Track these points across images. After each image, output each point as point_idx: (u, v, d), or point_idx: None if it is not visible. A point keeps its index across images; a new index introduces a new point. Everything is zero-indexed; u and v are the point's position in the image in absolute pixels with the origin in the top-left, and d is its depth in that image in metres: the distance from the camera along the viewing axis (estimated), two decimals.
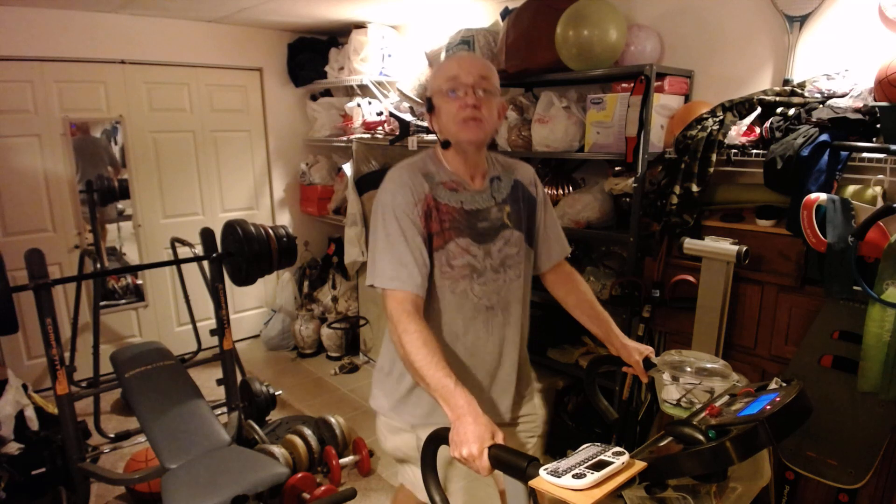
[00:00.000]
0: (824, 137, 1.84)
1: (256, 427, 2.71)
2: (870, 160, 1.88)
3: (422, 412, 1.46)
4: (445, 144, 1.41)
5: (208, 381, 2.90)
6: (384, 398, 1.53)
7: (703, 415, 1.02)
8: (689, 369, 1.29)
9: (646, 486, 0.95)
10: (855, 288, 1.75)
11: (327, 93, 4.55)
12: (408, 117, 3.50)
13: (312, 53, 4.28)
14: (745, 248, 1.99)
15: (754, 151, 2.06)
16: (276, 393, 3.04)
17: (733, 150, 2.11)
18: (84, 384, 3.41)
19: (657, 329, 2.43)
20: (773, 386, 1.08)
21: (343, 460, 2.75)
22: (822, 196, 1.79)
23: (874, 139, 1.85)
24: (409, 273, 1.31)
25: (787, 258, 2.01)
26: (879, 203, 1.83)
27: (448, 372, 1.18)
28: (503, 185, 1.48)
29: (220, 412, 2.58)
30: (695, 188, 2.16)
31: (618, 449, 0.93)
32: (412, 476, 1.54)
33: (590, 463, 0.89)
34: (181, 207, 4.11)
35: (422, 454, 1.18)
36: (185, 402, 2.22)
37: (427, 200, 1.37)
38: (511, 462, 1.00)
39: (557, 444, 2.78)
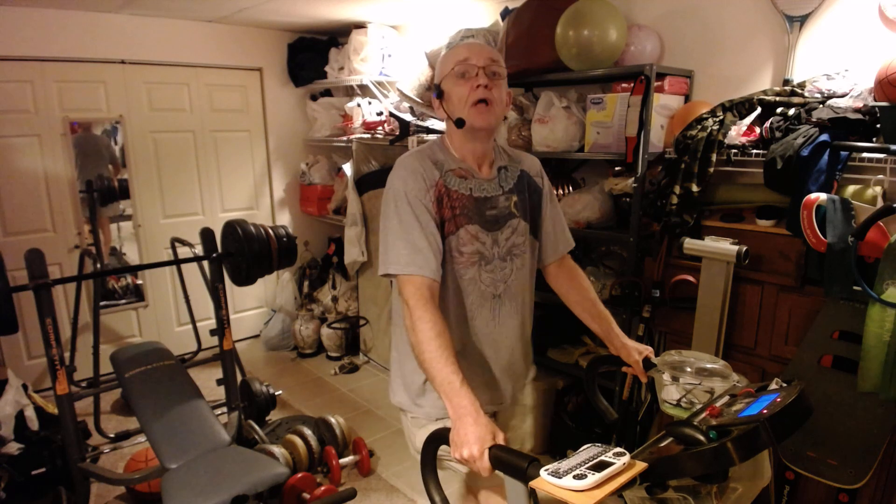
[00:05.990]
0: (824, 137, 1.84)
1: (256, 427, 2.71)
2: (870, 160, 1.88)
3: (443, 405, 1.39)
4: (460, 123, 1.38)
5: (208, 381, 2.90)
6: (404, 391, 1.48)
7: (703, 415, 1.02)
8: (689, 369, 1.29)
9: (646, 486, 0.95)
10: (855, 288, 1.75)
11: (327, 93, 4.54)
12: (408, 117, 3.50)
13: (312, 53, 4.27)
14: (745, 248, 1.99)
15: (754, 151, 2.06)
16: (276, 393, 3.04)
17: (733, 150, 2.11)
18: (84, 384, 3.41)
19: (657, 329, 2.43)
20: (773, 386, 1.08)
21: (343, 460, 2.75)
22: (822, 196, 1.79)
23: (874, 139, 1.85)
24: (424, 258, 1.30)
25: (787, 258, 2.01)
26: (879, 203, 1.83)
27: (456, 369, 1.18)
28: (510, 175, 1.49)
29: (220, 412, 2.58)
30: (695, 188, 2.16)
31: (618, 450, 0.93)
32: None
33: (591, 464, 0.89)
34: (181, 207, 4.11)
35: (421, 454, 1.18)
36: (185, 402, 2.22)
37: (438, 187, 1.37)
38: (511, 463, 1.00)
39: (557, 445, 2.78)
